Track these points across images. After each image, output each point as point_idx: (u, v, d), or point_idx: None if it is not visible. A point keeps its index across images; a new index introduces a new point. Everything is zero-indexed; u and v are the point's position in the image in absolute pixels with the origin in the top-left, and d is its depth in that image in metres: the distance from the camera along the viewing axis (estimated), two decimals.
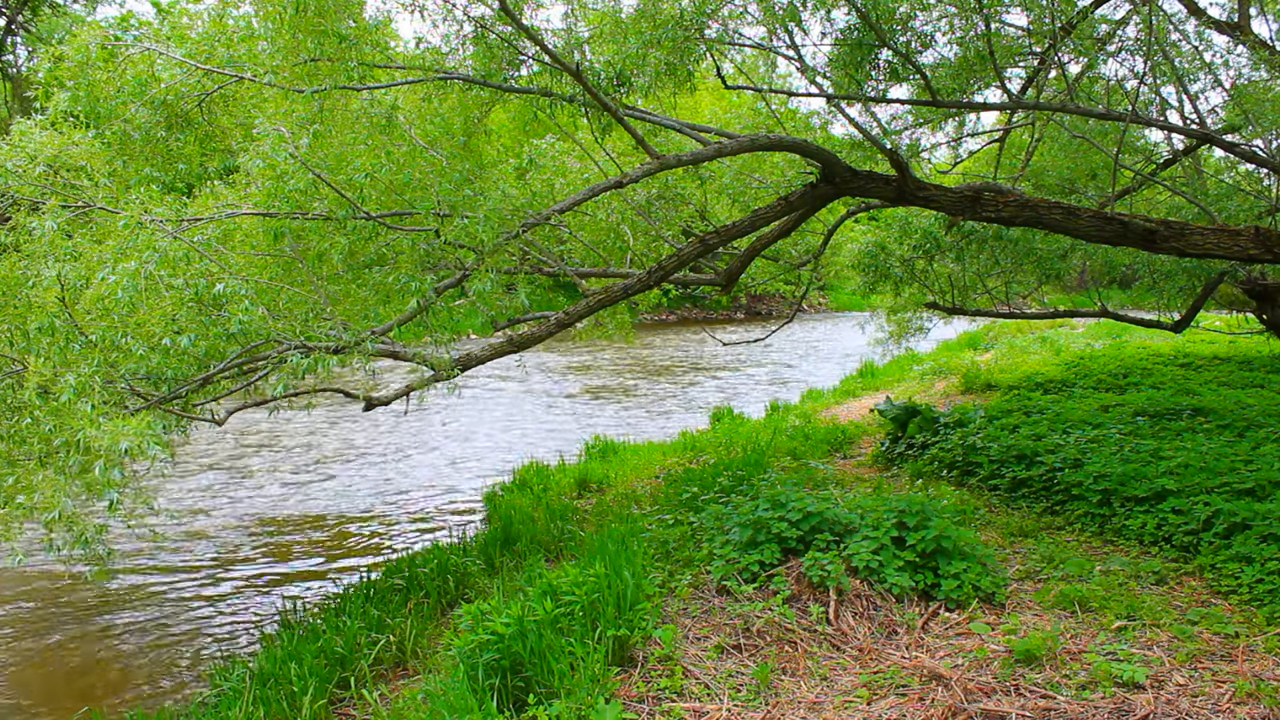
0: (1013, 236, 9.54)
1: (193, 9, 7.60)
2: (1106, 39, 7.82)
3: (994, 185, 8.02)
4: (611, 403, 16.26)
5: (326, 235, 5.28)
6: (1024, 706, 3.73)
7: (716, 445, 10.05)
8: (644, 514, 7.04)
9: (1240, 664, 4.05)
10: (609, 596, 4.48)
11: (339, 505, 9.70)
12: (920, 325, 12.86)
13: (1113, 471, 6.46)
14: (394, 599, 5.93)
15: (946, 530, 5.06)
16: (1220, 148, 8.17)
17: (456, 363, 5.75)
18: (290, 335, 4.72)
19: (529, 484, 9.28)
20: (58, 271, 4.10)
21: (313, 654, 4.88)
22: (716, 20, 7.11)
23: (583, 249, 8.48)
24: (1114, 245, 7.24)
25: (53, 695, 5.73)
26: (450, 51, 6.78)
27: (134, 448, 3.61)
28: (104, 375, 4.07)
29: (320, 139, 5.28)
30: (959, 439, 8.09)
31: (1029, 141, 10.13)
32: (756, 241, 7.44)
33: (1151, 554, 5.60)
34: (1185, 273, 9.70)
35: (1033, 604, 4.90)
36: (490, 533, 7.20)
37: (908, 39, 7.16)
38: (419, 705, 4.08)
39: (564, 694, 3.86)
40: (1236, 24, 7.44)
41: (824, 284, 34.50)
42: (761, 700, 3.93)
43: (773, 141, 6.89)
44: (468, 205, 5.56)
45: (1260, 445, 7.11)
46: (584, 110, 7.05)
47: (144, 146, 6.16)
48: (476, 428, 13.97)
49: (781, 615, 4.58)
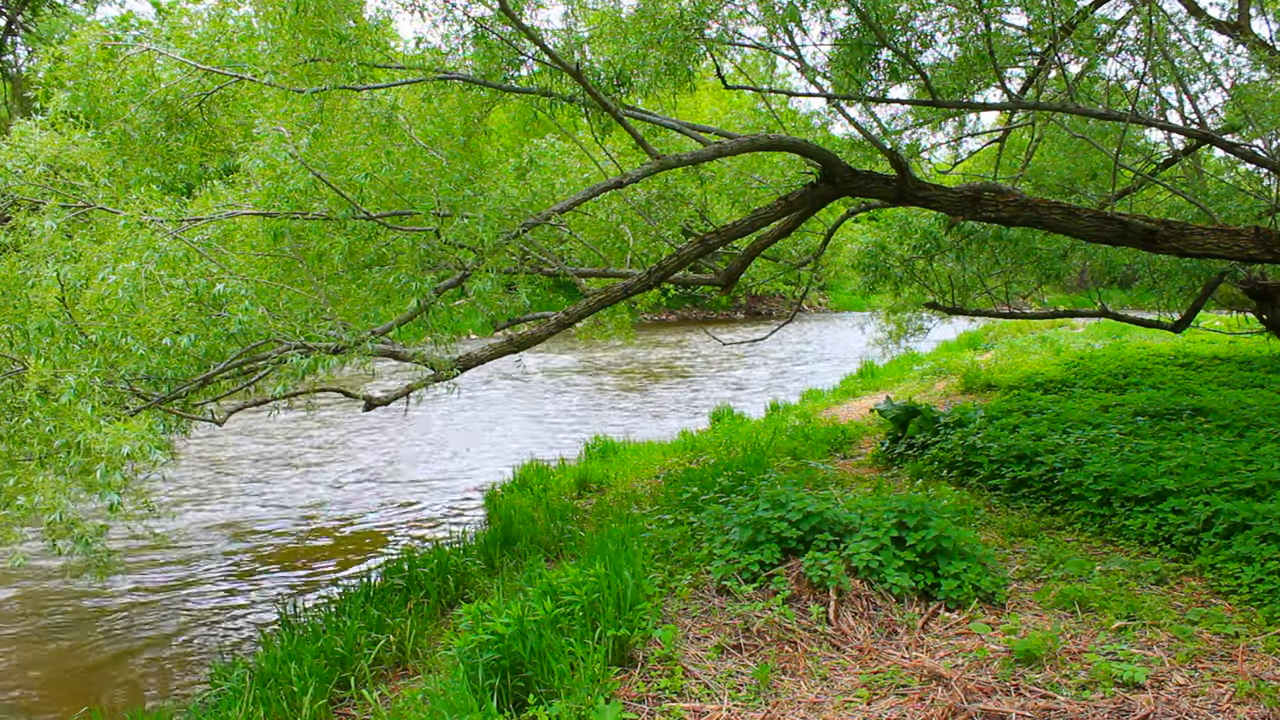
0: (1013, 236, 9.53)
1: (193, 9, 7.60)
2: (1106, 39, 7.82)
3: (994, 185, 8.02)
4: (611, 403, 16.26)
5: (326, 235, 5.28)
6: (1024, 706, 3.73)
7: (716, 445, 10.05)
8: (644, 514, 7.04)
9: (1240, 664, 4.05)
10: (609, 596, 4.48)
11: (339, 505, 9.70)
12: (920, 325, 12.86)
13: (1113, 471, 6.46)
14: (394, 599, 5.93)
15: (946, 530, 5.06)
16: (1220, 148, 8.17)
17: (456, 363, 5.74)
18: (290, 335, 4.72)
19: (529, 484, 9.28)
20: (58, 271, 4.10)
21: (313, 654, 4.88)
22: (716, 20, 7.11)
23: (583, 249, 8.48)
24: (1114, 245, 7.24)
25: (53, 695, 5.73)
26: (450, 51, 6.77)
27: (135, 451, 3.61)
28: (104, 375, 4.07)
29: (320, 139, 5.27)
30: (959, 439, 8.09)
31: (1029, 141, 10.13)
32: (756, 241, 7.44)
33: (1151, 554, 5.60)
34: (1185, 273, 9.69)
35: (1033, 604, 4.90)
36: (490, 533, 7.20)
37: (908, 39, 7.16)
38: (419, 705, 4.08)
39: (564, 694, 3.86)
40: (1236, 24, 7.44)
41: (824, 284, 34.54)
42: (761, 700, 3.93)
43: (773, 141, 6.89)
44: (468, 205, 5.56)
45: (1260, 445, 7.11)
46: (584, 110, 7.05)
47: (144, 146, 6.15)
48: (477, 427, 13.97)
49: (781, 615, 4.58)
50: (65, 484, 4.00)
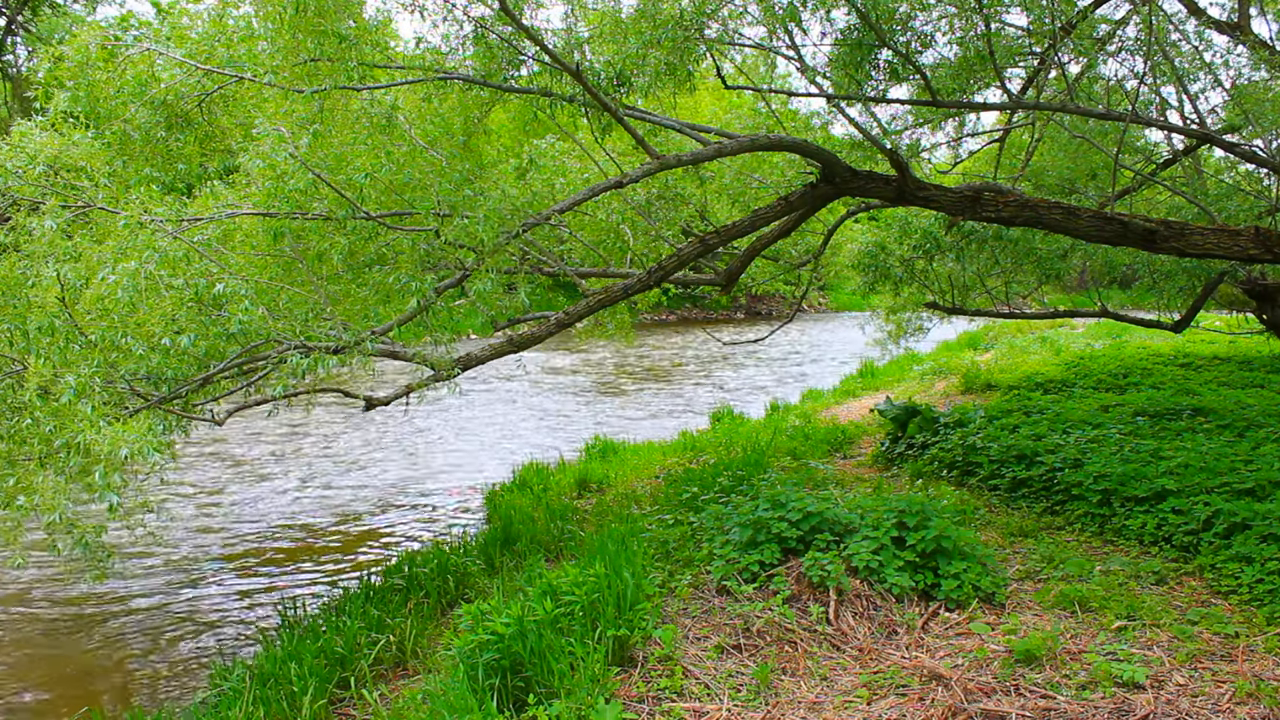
0: (1013, 236, 9.53)
1: (193, 9, 7.60)
2: (1106, 39, 7.82)
3: (994, 185, 8.02)
4: (611, 403, 16.26)
5: (326, 235, 5.28)
6: (1024, 706, 3.73)
7: (716, 445, 10.05)
8: (644, 514, 7.04)
9: (1240, 664, 4.05)
10: (609, 596, 4.48)
11: (338, 505, 9.70)
12: (920, 325, 12.86)
13: (1113, 471, 6.46)
14: (394, 599, 5.93)
15: (946, 530, 5.06)
16: (1220, 148, 8.17)
17: (456, 362, 5.75)
18: (290, 335, 4.72)
19: (529, 484, 9.28)
20: (58, 271, 4.10)
21: (313, 654, 4.88)
22: (716, 20, 7.11)
23: (583, 249, 8.48)
24: (1114, 245, 7.24)
25: (53, 695, 5.73)
26: (450, 51, 6.78)
27: (134, 453, 3.60)
28: (104, 375, 4.07)
29: (320, 139, 5.27)
30: (959, 439, 8.09)
31: (1029, 141, 10.13)
32: (756, 241, 7.44)
33: (1151, 554, 5.60)
34: (1185, 273, 9.69)
35: (1033, 604, 4.90)
36: (490, 533, 7.20)
37: (908, 39, 7.16)
38: (419, 705, 4.08)
39: (564, 694, 3.86)
40: (1236, 24, 7.44)
41: (824, 284, 34.54)
42: (761, 700, 3.93)
43: (773, 141, 6.89)
44: (468, 205, 5.56)
45: (1260, 445, 7.11)
46: (584, 110, 7.05)
47: (144, 146, 6.15)
48: (476, 428, 13.97)
49: (781, 615, 4.58)
50: (65, 484, 4.00)
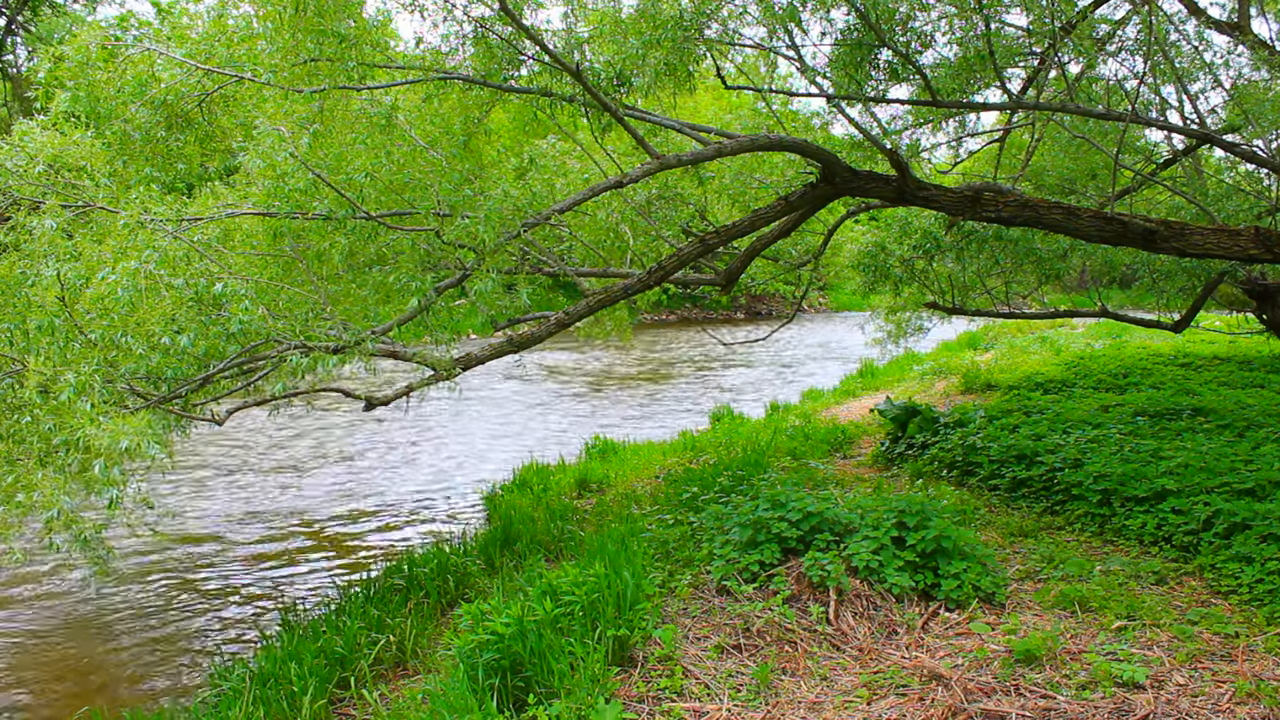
0: (1013, 236, 9.53)
1: (193, 9, 7.61)
2: (1106, 39, 7.81)
3: (994, 185, 8.02)
4: (611, 403, 16.26)
5: (326, 235, 5.27)
6: (1024, 706, 3.73)
7: (716, 445, 10.05)
8: (644, 514, 7.04)
9: (1240, 664, 4.05)
10: (609, 596, 4.48)
11: (338, 505, 9.70)
12: (920, 325, 12.84)
13: (1113, 471, 6.46)
14: (394, 599, 5.93)
15: (946, 530, 5.06)
16: (1220, 148, 8.16)
17: (457, 362, 5.74)
18: (290, 335, 4.72)
19: (529, 484, 9.28)
20: (58, 271, 4.10)
21: (313, 654, 4.88)
22: (716, 20, 7.11)
23: (583, 249, 8.48)
24: (1114, 245, 7.24)
25: (53, 695, 5.73)
26: (450, 52, 6.78)
27: (133, 446, 3.61)
28: (104, 374, 4.07)
29: (320, 139, 5.28)
30: (959, 439, 8.09)
31: (1029, 141, 10.12)
32: (756, 241, 7.43)
33: (1151, 554, 5.60)
34: (1185, 273, 9.69)
35: (1033, 604, 4.90)
36: (490, 533, 7.20)
37: (908, 39, 7.15)
38: (419, 705, 4.08)
39: (564, 694, 3.86)
40: (1236, 24, 7.44)
41: (824, 284, 34.48)
42: (761, 700, 3.93)
43: (773, 141, 6.88)
44: (468, 205, 5.56)
45: (1260, 445, 7.11)
46: (584, 110, 7.05)
47: (144, 146, 6.15)
48: (476, 428, 13.96)
49: (781, 615, 4.58)
50: (64, 481, 4.00)
